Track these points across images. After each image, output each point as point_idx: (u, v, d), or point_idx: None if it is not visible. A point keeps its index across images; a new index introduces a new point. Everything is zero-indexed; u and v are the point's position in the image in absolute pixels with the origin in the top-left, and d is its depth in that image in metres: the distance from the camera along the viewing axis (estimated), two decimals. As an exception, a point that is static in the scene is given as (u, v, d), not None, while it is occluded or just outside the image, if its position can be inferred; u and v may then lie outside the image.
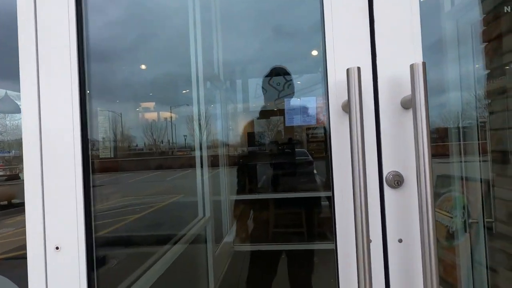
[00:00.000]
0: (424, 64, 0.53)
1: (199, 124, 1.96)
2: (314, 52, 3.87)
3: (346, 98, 0.62)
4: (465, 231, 1.69)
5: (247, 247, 2.58)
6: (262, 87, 4.20)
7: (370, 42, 0.66)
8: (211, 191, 1.89)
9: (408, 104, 0.63)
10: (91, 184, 0.94)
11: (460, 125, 1.66)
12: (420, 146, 0.53)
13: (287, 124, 4.13)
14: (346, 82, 0.60)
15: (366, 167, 0.55)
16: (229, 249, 2.49)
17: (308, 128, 4.49)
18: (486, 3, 1.30)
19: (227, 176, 2.61)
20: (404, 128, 0.65)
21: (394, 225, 0.66)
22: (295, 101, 4.00)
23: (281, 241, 2.71)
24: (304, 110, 4.10)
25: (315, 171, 3.89)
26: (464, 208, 1.75)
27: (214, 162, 2.50)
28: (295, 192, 3.28)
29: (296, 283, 2.03)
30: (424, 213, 0.53)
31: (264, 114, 4.48)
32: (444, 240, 1.86)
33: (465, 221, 1.70)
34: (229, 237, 2.51)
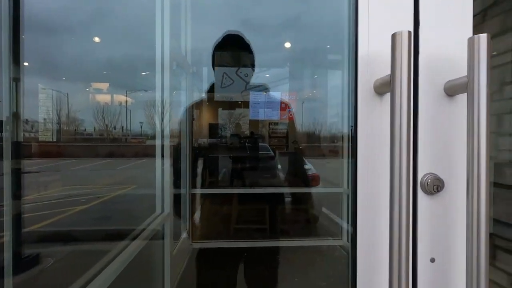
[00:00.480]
0: (489, 37, 0.41)
1: (162, 111, 1.76)
2: (287, 44, 3.83)
3: (379, 75, 0.52)
4: None
5: (207, 244, 2.45)
6: (229, 77, 4.06)
7: (413, 6, 0.53)
8: (171, 184, 1.72)
9: (454, 90, 0.51)
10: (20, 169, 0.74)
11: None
12: (475, 144, 0.41)
13: (251, 118, 4.06)
14: (382, 54, 0.50)
15: (403, 167, 0.44)
16: (187, 247, 2.33)
17: (271, 123, 4.47)
18: None
19: (188, 168, 2.44)
20: (448, 120, 0.53)
21: (427, 240, 0.54)
22: (260, 95, 3.94)
23: (242, 238, 2.63)
24: (269, 104, 4.06)
25: (276, 166, 3.88)
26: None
27: (174, 153, 2.32)
28: (257, 187, 3.23)
29: (258, 282, 1.97)
30: (474, 228, 0.41)
31: (229, 105, 4.35)
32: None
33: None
34: (187, 234, 2.35)
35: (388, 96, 0.51)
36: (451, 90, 0.52)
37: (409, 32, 0.41)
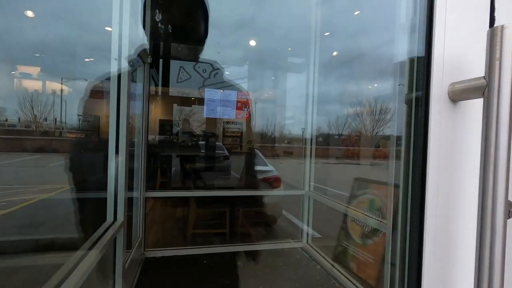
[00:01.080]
0: None
1: (117, 103, 1.53)
2: (252, 42, 3.75)
3: (455, 79, 0.45)
4: (379, 231, 1.88)
5: (160, 253, 2.23)
6: (186, 71, 3.84)
7: (490, 5, 0.46)
8: (126, 188, 1.50)
9: None
10: None
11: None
12: None
13: (206, 115, 3.91)
14: (460, 56, 0.43)
15: (499, 193, 0.37)
16: (139, 257, 2.09)
17: (227, 122, 4.36)
18: None
19: (142, 168, 2.19)
20: None
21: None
22: (216, 92, 3.82)
23: (199, 244, 2.46)
24: (225, 103, 3.96)
25: (231, 166, 3.80)
26: (379, 209, 1.94)
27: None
28: (212, 190, 3.09)
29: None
30: None
31: (184, 101, 4.11)
32: (359, 239, 2.03)
33: (379, 222, 1.88)
34: (140, 242, 2.11)
35: (463, 104, 0.46)
36: None
37: None
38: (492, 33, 0.36)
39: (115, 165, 1.43)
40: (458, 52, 0.47)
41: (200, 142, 4.28)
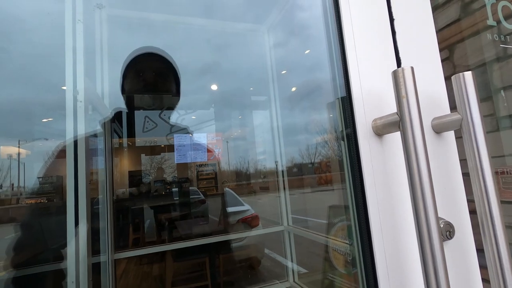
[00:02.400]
0: (473, 74, 0.41)
1: (75, 161, 1.46)
2: (214, 87, 3.87)
3: (377, 115, 0.49)
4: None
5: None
6: (152, 120, 3.81)
7: (393, 46, 0.54)
8: (89, 253, 1.37)
9: (443, 127, 0.50)
10: None
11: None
12: (481, 185, 0.39)
13: (177, 161, 3.84)
14: (376, 92, 0.47)
15: (430, 214, 0.39)
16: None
17: (199, 165, 4.30)
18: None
19: (108, 228, 2.03)
20: (440, 160, 0.52)
21: None
22: (186, 137, 3.81)
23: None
24: (195, 146, 3.94)
25: (208, 210, 3.66)
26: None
27: (91, 211, 1.92)
28: (187, 240, 2.92)
29: None
30: (498, 272, 0.38)
31: (153, 150, 4.03)
32: (343, 269, 1.98)
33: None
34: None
35: (388, 137, 0.50)
36: (438, 128, 0.52)
37: (412, 68, 0.40)
38: (395, 74, 0.41)
39: (74, 230, 1.32)
40: (374, 91, 0.52)
41: (173, 189, 4.14)
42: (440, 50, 1.21)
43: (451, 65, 1.15)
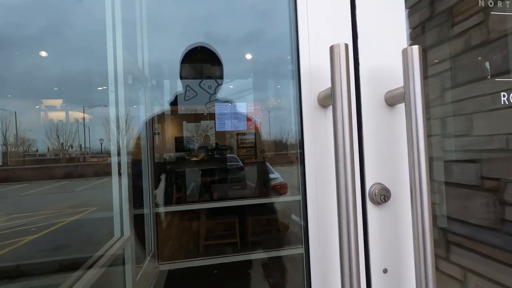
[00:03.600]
0: (420, 48, 0.43)
1: (117, 127, 1.66)
2: (248, 56, 3.87)
3: (323, 88, 0.52)
4: None
5: (175, 265, 2.32)
6: (193, 89, 3.99)
7: (351, 19, 0.55)
8: (130, 204, 1.61)
9: (394, 100, 0.52)
10: None
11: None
12: (415, 152, 0.42)
13: (217, 129, 4.02)
14: (323, 67, 0.50)
15: (348, 178, 0.43)
16: (153, 270, 2.19)
17: (238, 134, 4.45)
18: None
19: (149, 186, 2.31)
20: (390, 130, 0.54)
21: (378, 251, 0.54)
22: (226, 106, 3.93)
23: (214, 254, 2.53)
24: (235, 115, 4.05)
25: (246, 177, 3.85)
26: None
27: (136, 170, 2.19)
28: (226, 200, 3.16)
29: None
30: (420, 236, 0.41)
31: (194, 118, 4.26)
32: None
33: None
34: (153, 256, 2.21)
35: (329, 108, 0.52)
36: (390, 100, 0.53)
37: (346, 45, 0.42)
38: (331, 50, 0.42)
39: (118, 184, 1.54)
40: (320, 64, 0.53)
41: (216, 156, 4.38)
42: (473, 14, 1.07)
43: (485, 30, 1.02)
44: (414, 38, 1.25)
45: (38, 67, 3.00)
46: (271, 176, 3.15)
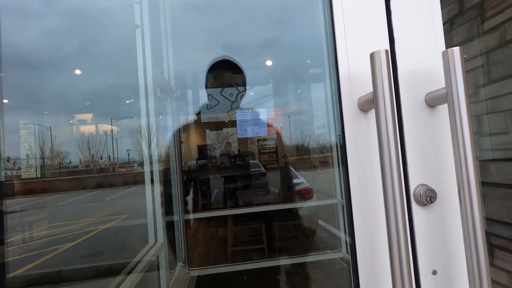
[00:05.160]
0: (461, 49, 0.42)
1: (148, 137, 1.74)
2: (268, 62, 3.91)
3: (363, 93, 0.52)
4: None
5: (204, 271, 2.36)
6: (214, 98, 4.09)
7: (387, 25, 0.55)
8: (163, 211, 1.67)
9: (435, 101, 0.52)
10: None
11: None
12: (461, 152, 0.42)
13: (239, 136, 4.07)
14: (362, 72, 0.51)
15: (395, 180, 0.44)
16: (184, 275, 2.25)
17: (259, 140, 4.48)
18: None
19: (179, 193, 2.38)
20: (432, 131, 0.54)
21: (427, 252, 0.53)
22: (247, 113, 3.97)
23: (242, 260, 2.55)
24: (255, 121, 4.08)
25: (269, 183, 3.86)
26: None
27: (165, 178, 2.27)
28: (250, 206, 3.18)
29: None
30: (471, 236, 0.41)
31: (217, 125, 4.35)
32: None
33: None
34: (184, 262, 2.27)
35: (372, 112, 0.52)
36: (431, 102, 0.53)
37: (386, 51, 0.43)
38: (372, 57, 0.43)
39: (151, 192, 1.61)
40: (359, 69, 0.53)
41: (238, 162, 4.42)
42: (507, 7, 1.03)
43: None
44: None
45: (72, 85, 3.22)
46: (296, 181, 3.14)
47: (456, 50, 0.42)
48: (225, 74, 2.96)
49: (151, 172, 1.63)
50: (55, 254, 3.05)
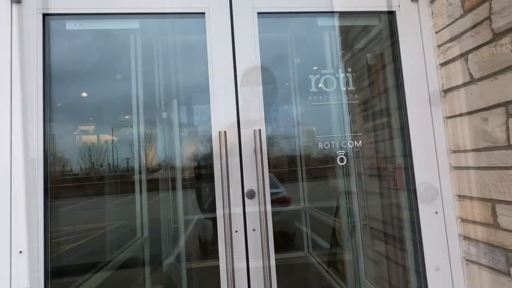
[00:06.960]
0: (260, 131, 0.86)
1: (139, 147, 2.15)
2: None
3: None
4: (350, 232, 2.19)
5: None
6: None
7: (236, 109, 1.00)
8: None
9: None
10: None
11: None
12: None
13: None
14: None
15: None
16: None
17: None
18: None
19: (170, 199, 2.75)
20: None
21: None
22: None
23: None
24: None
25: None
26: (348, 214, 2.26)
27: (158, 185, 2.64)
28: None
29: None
30: None
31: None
32: (341, 242, 2.34)
33: (349, 224, 2.19)
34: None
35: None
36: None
37: (225, 132, 0.83)
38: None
39: (140, 199, 1.99)
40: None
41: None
42: None
43: None
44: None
45: (79, 104, 3.63)
46: (275, 190, 3.49)
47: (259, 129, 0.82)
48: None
49: (140, 181, 2.01)
50: (60, 253, 3.40)
